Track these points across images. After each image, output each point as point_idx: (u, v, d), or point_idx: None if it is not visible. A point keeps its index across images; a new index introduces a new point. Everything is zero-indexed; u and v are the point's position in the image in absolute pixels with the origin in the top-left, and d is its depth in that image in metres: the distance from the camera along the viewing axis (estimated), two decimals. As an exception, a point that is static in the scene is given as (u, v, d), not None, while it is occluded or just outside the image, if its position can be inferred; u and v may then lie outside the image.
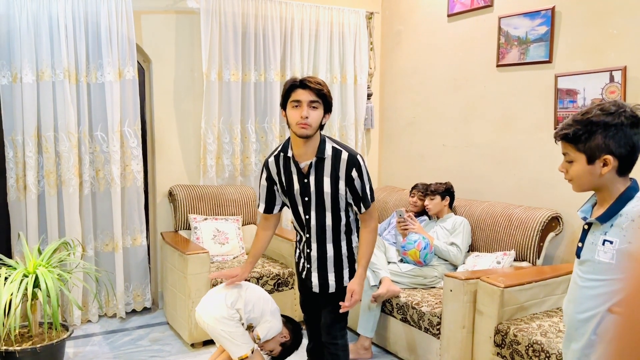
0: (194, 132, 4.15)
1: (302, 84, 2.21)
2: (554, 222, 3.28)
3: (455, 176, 3.99)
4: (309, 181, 2.32)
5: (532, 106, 3.54)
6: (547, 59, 3.42)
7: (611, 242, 1.46)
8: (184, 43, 4.06)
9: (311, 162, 2.30)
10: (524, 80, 3.59)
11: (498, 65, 3.75)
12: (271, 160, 2.40)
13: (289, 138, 2.37)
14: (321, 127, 2.30)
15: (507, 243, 3.36)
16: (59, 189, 3.66)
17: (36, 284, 2.77)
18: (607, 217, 1.48)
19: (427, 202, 3.67)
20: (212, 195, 4.05)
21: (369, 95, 4.75)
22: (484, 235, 3.52)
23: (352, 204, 2.35)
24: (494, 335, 2.68)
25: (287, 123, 2.29)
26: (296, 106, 2.21)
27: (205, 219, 3.95)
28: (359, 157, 2.31)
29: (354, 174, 2.28)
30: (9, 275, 2.77)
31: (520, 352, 2.54)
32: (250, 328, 2.50)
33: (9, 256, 3.42)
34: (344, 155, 2.29)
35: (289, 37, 4.27)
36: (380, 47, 4.84)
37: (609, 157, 1.45)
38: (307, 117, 2.18)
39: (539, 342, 2.47)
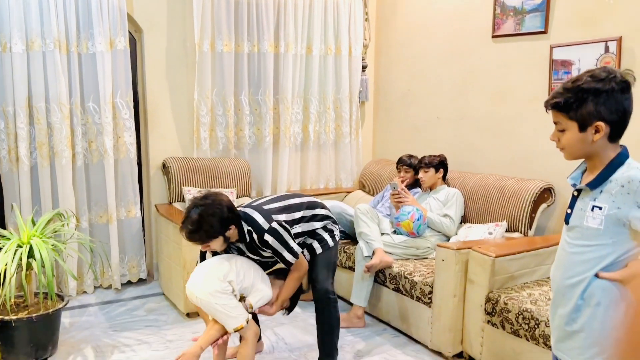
0: (187, 104, 4.12)
1: (186, 236, 2.39)
2: (546, 194, 3.30)
3: (450, 148, 4.00)
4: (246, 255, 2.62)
5: (527, 77, 3.52)
6: (543, 30, 3.40)
7: (600, 208, 1.47)
8: (176, 13, 4.00)
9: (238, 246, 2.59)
10: (519, 51, 3.57)
11: (494, 36, 3.72)
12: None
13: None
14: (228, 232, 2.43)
15: (500, 214, 3.38)
16: (52, 161, 3.64)
17: (31, 255, 2.78)
18: (596, 183, 1.48)
19: (420, 174, 3.67)
20: (206, 168, 4.05)
21: (364, 67, 4.71)
22: (476, 206, 3.54)
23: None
24: (485, 304, 2.73)
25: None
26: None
27: (200, 191, 3.94)
28: (266, 236, 2.43)
29: (266, 250, 2.50)
30: (3, 246, 2.78)
31: (510, 319, 2.59)
32: (242, 299, 2.51)
33: (3, 227, 3.43)
34: (255, 236, 2.46)
35: (283, 7, 4.21)
36: (376, 17, 4.79)
37: (601, 124, 1.45)
38: (211, 251, 2.54)
39: (528, 310, 2.51)
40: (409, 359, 2.96)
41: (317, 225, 2.71)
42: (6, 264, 2.66)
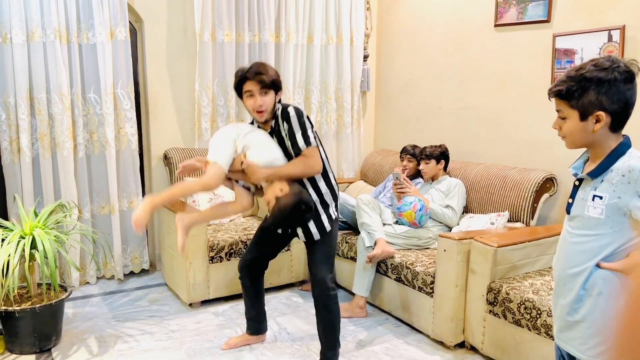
0: (188, 95, 4.11)
1: (247, 77, 2.42)
2: (548, 183, 3.30)
3: (451, 138, 3.99)
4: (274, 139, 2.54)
5: (530, 67, 3.50)
6: (546, 18, 3.37)
7: (601, 198, 1.46)
8: (176, 2, 3.98)
9: (271, 128, 2.55)
10: (522, 40, 3.55)
11: (496, 25, 3.70)
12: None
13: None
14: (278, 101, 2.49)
15: (501, 204, 3.38)
16: (54, 152, 3.64)
17: (33, 246, 2.79)
18: (598, 172, 1.48)
19: (422, 166, 3.67)
20: (208, 158, 4.03)
21: (365, 57, 4.69)
22: (478, 197, 3.54)
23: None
24: (487, 294, 2.73)
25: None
26: (250, 96, 2.44)
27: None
28: (290, 108, 2.46)
29: (284, 125, 2.46)
30: (6, 237, 2.79)
31: (512, 309, 2.59)
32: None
33: (5, 218, 3.43)
34: (278, 111, 2.48)
35: (284, -4, 4.19)
36: (377, 6, 4.76)
37: (602, 114, 1.44)
38: (261, 105, 2.42)
39: (530, 300, 2.52)
40: (411, 348, 2.97)
41: (326, 195, 2.56)
42: (9, 255, 2.67)
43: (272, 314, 3.35)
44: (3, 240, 2.77)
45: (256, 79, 2.40)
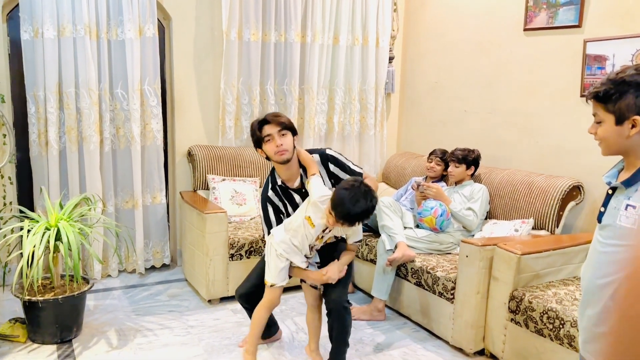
0: (213, 93, 4.13)
1: (267, 120, 2.51)
2: (575, 191, 3.23)
3: (476, 143, 3.93)
4: (305, 192, 2.58)
5: (559, 72, 3.44)
6: (577, 24, 3.31)
7: (634, 207, 1.42)
8: (204, 1, 4.01)
9: (300, 177, 2.61)
10: (552, 45, 3.48)
11: (525, 29, 3.64)
12: (270, 194, 2.62)
13: (271, 172, 2.65)
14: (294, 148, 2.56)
15: (526, 211, 3.32)
16: (80, 146, 3.70)
17: (58, 237, 2.83)
18: (632, 181, 1.44)
19: (450, 168, 3.61)
20: (231, 157, 4.06)
21: (391, 59, 4.66)
22: (502, 203, 3.49)
23: None
24: (509, 302, 2.69)
25: (267, 157, 2.57)
26: (269, 140, 2.50)
27: (224, 180, 3.97)
28: (327, 150, 2.63)
29: (332, 167, 2.60)
30: (32, 228, 2.83)
31: (534, 318, 2.54)
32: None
33: (32, 209, 3.50)
34: (316, 157, 2.60)
35: (311, -4, 4.19)
36: (404, 8, 4.72)
37: (638, 118, 1.40)
38: (282, 144, 2.48)
39: (553, 310, 2.47)
40: (429, 354, 2.94)
41: None
42: (34, 246, 2.71)
43: (289, 314, 3.35)
44: (29, 231, 2.81)
45: (275, 121, 2.50)
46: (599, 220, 1.53)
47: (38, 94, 3.55)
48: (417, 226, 3.49)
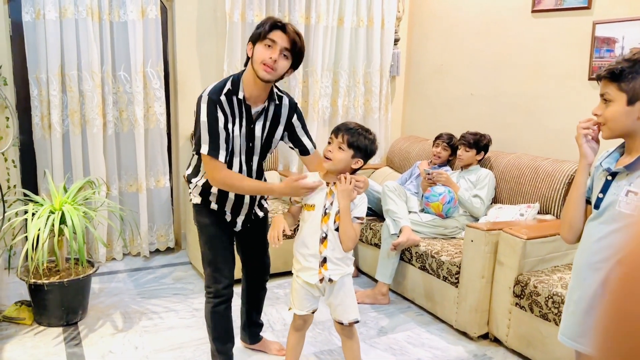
0: (217, 75, 4.09)
1: (284, 27, 2.10)
2: (581, 176, 3.21)
3: (482, 126, 3.89)
4: (254, 127, 2.21)
5: (567, 55, 3.39)
6: (586, 5, 3.25)
7: (635, 194, 1.40)
8: (208, -18, 3.95)
9: (263, 108, 2.21)
10: (560, 27, 3.43)
11: (533, 11, 3.58)
12: (222, 98, 2.15)
13: (236, 77, 2.19)
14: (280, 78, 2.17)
15: (532, 196, 3.30)
16: (83, 129, 3.68)
17: (62, 221, 2.83)
18: (636, 165, 1.42)
19: (460, 151, 3.57)
20: (234, 139, 4.03)
21: (396, 41, 4.60)
22: (508, 187, 3.47)
23: (294, 147, 2.38)
24: (514, 286, 2.68)
25: (249, 59, 2.13)
26: (269, 46, 2.08)
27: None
28: (297, 105, 2.35)
29: (295, 118, 2.31)
30: (36, 211, 2.83)
31: (539, 302, 2.54)
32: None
33: (36, 193, 3.49)
34: (285, 100, 2.28)
35: (315, -23, 4.12)
36: (410, -10, 4.65)
37: None
38: (275, 62, 2.07)
39: (559, 294, 2.46)
40: (433, 337, 2.95)
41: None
42: (39, 230, 2.71)
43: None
44: (33, 214, 2.81)
45: (290, 35, 2.09)
46: (597, 207, 1.51)
47: (40, 77, 3.52)
48: (422, 210, 3.48)
